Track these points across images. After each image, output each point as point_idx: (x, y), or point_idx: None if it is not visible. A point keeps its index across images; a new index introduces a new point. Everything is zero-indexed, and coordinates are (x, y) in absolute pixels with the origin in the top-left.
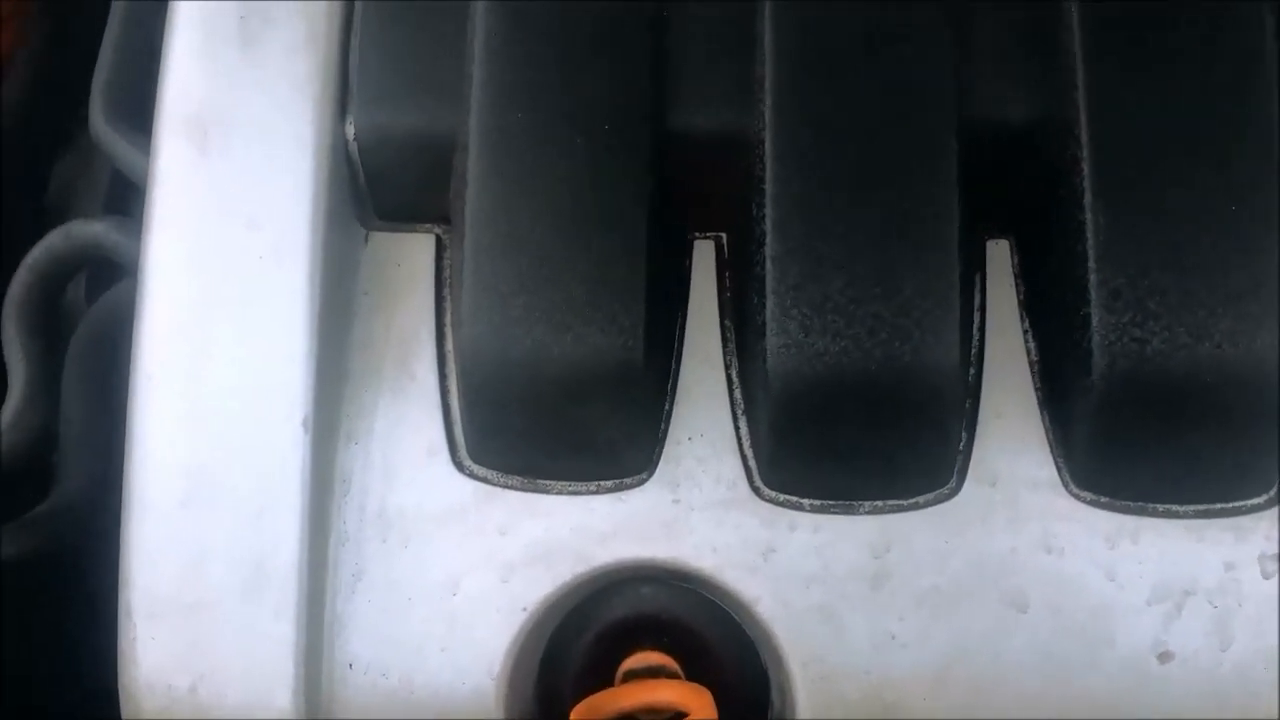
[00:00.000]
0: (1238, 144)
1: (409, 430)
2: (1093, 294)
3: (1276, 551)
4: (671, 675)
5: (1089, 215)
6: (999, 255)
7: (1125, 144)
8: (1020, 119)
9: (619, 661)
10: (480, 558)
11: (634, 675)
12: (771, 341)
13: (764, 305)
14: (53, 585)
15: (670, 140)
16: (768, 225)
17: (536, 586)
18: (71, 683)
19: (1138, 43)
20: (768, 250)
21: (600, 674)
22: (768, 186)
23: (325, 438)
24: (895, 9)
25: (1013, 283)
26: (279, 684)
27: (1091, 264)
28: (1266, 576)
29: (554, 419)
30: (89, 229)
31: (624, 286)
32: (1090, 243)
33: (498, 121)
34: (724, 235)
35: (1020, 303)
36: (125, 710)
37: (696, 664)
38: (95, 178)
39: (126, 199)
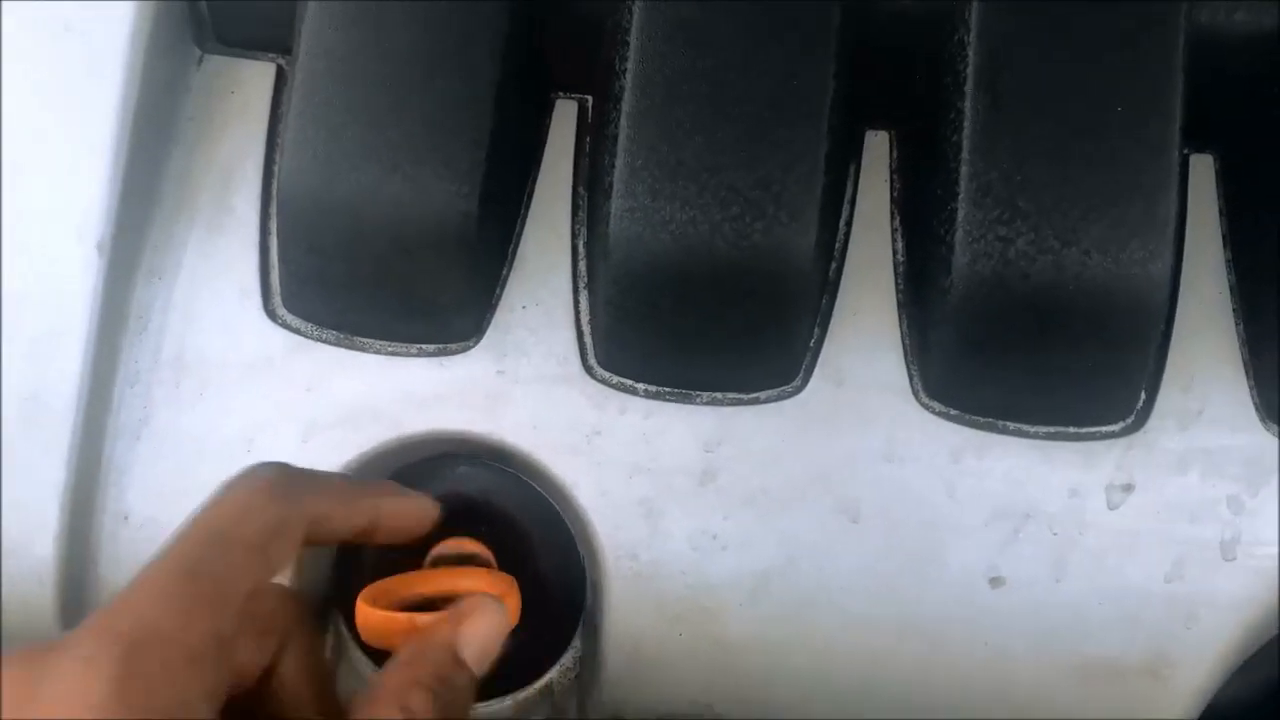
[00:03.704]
0: (1134, 44)
1: (220, 270)
2: (962, 186)
3: (1125, 482)
4: (483, 564)
5: (969, 104)
6: (878, 148)
7: (1014, 33)
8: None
9: (428, 547)
10: (282, 413)
11: (443, 562)
12: (616, 204)
13: (613, 166)
14: None
15: None
16: (627, 80)
17: (339, 450)
18: None
19: None
20: (623, 107)
21: (406, 558)
22: (631, 39)
23: (123, 267)
24: None
25: (888, 178)
26: (40, 529)
27: (965, 155)
28: (1112, 507)
29: (376, 269)
30: None
31: (466, 130)
32: (966, 132)
33: None
34: (589, 98)
35: (892, 199)
36: None
37: (512, 554)
38: None
39: None
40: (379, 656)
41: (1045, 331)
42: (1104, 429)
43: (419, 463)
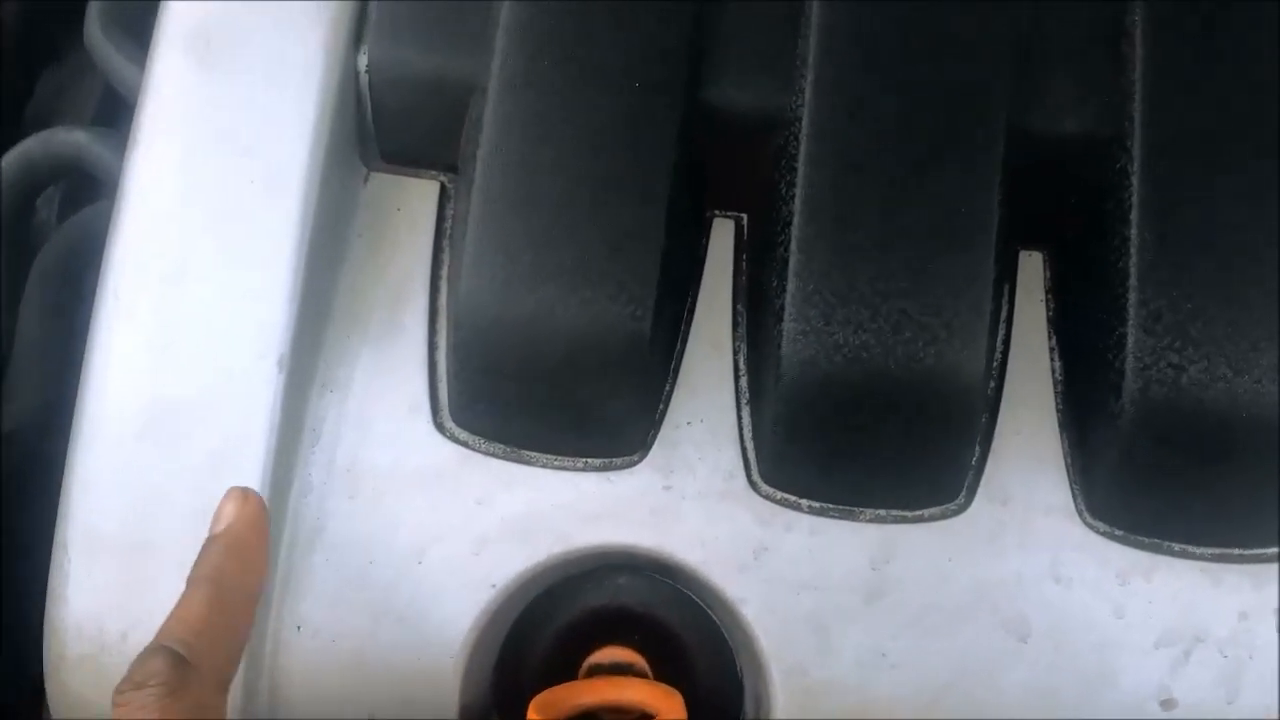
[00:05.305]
0: None
1: (390, 384)
2: (1131, 314)
3: None
4: (639, 674)
5: (1134, 231)
6: (1029, 268)
7: (1179, 162)
8: (1071, 127)
9: (585, 654)
10: (452, 526)
11: (599, 670)
12: (789, 327)
13: (784, 289)
14: None
15: (702, 110)
16: (796, 206)
17: (509, 563)
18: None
19: (1201, 61)
20: (794, 232)
21: (563, 666)
22: (800, 166)
23: (299, 382)
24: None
25: (1043, 297)
26: None
27: (1133, 282)
28: None
29: (548, 386)
30: (71, 137)
31: (640, 254)
32: (1133, 260)
33: (523, 67)
34: (745, 216)
35: (1049, 319)
36: (49, 651)
37: (666, 664)
38: (83, 95)
39: (114, 122)
40: None
41: (1215, 456)
42: (1270, 550)
43: (578, 574)
